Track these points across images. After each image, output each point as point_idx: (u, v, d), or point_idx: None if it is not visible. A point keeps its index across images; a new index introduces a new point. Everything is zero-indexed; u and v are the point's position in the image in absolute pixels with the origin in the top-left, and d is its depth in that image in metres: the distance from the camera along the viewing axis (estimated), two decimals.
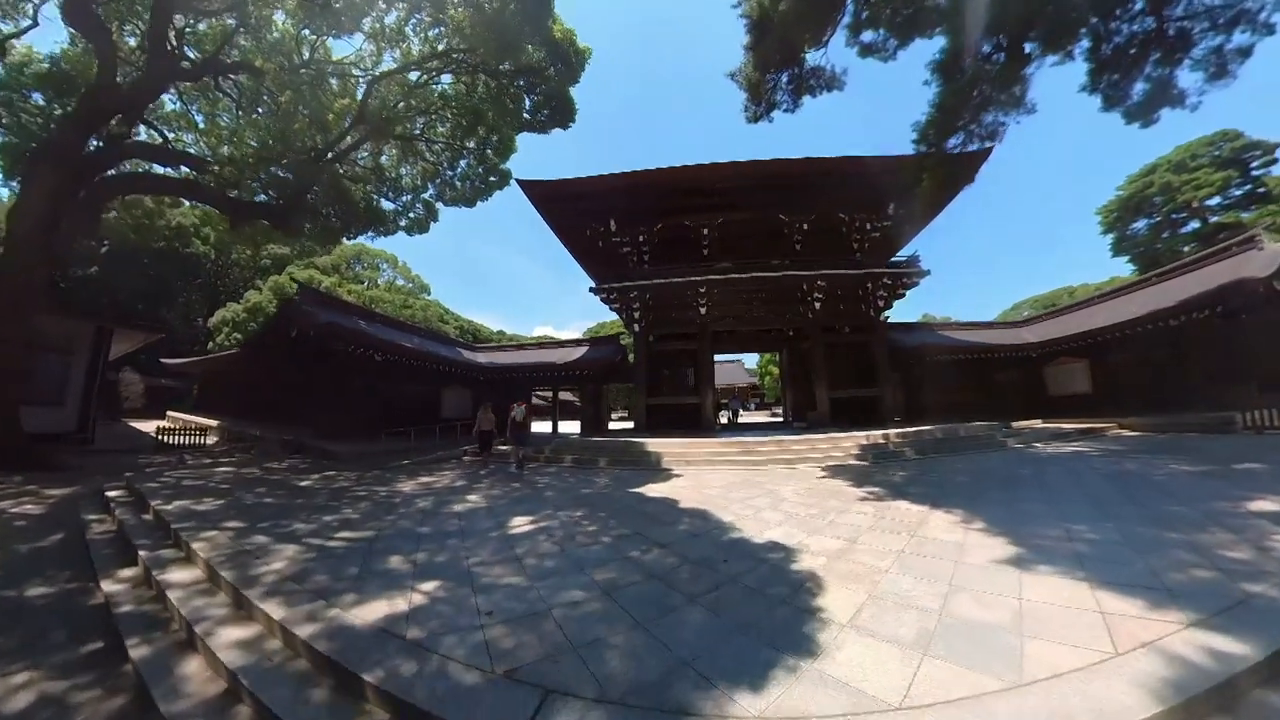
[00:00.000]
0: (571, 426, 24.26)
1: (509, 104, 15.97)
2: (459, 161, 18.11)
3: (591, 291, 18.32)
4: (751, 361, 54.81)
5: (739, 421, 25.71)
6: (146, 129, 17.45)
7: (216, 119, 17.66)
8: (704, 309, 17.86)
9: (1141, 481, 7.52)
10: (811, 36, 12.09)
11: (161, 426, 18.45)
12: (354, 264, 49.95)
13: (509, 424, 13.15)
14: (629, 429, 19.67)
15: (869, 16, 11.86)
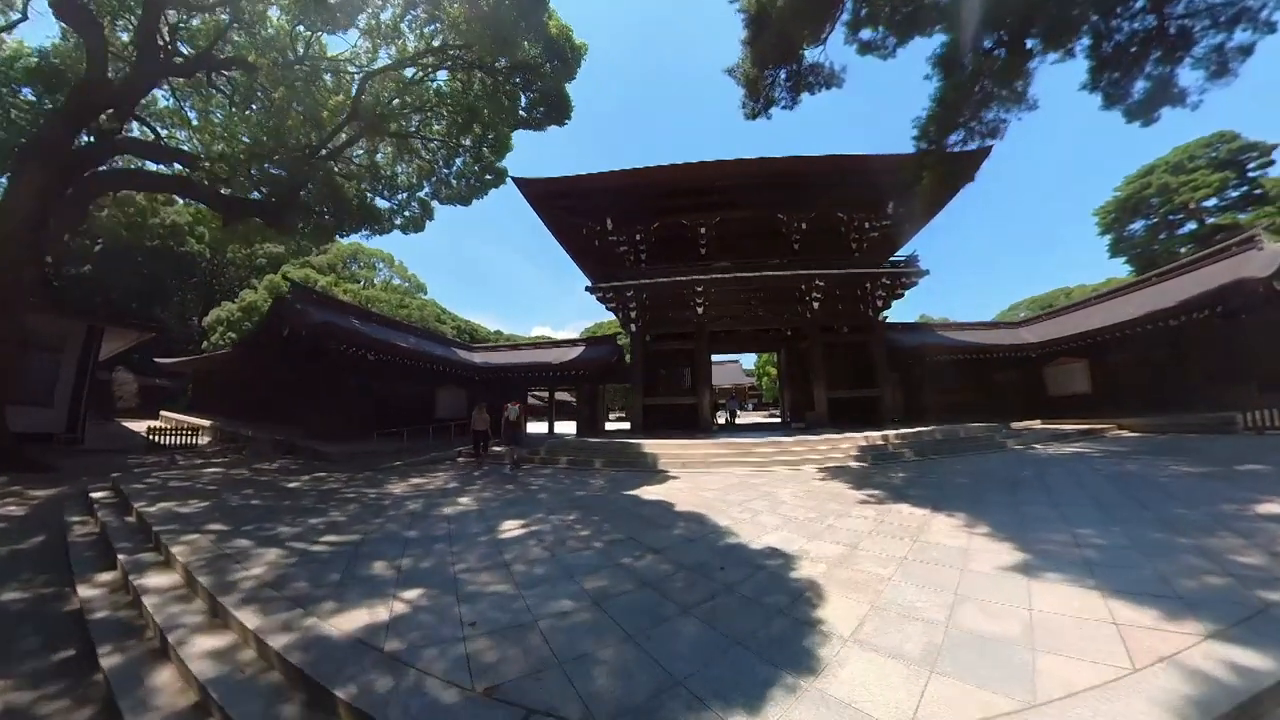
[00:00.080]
0: (568, 427, 24.10)
1: (505, 101, 15.80)
2: (455, 159, 17.93)
3: (588, 291, 18.15)
4: (749, 362, 54.73)
5: (737, 422, 25.58)
6: (140, 126, 17.25)
7: (210, 116, 17.45)
8: (701, 309, 17.71)
9: (1145, 483, 7.39)
10: (810, 33, 11.95)
11: (152, 426, 18.25)
12: (350, 263, 49.71)
13: (503, 424, 12.99)
14: (625, 430, 19.51)
15: (868, 14, 11.72)
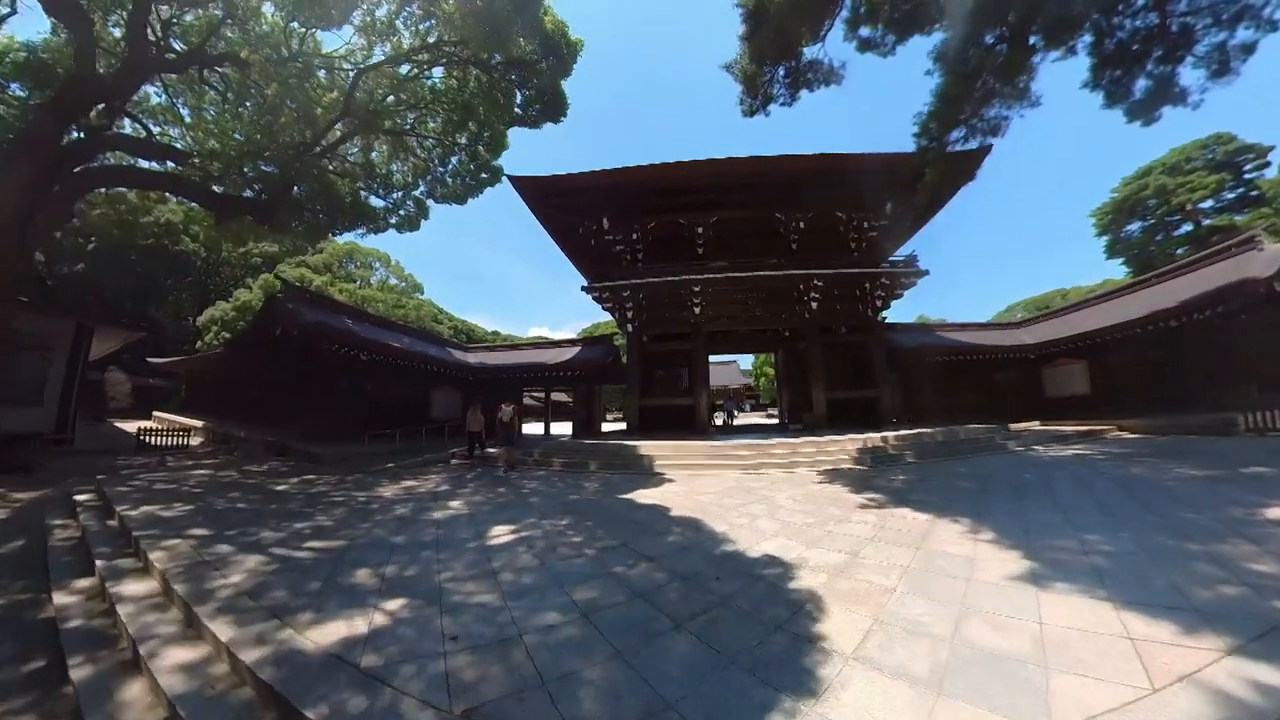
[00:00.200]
0: (565, 428, 23.92)
1: (500, 98, 15.63)
2: (450, 158, 17.76)
3: (584, 290, 17.96)
4: (747, 362, 54.56)
5: (734, 423, 25.43)
6: (131, 122, 17.04)
7: (203, 113, 17.24)
8: (698, 308, 17.54)
9: (1150, 487, 7.25)
10: (809, 30, 11.79)
11: (143, 427, 18.02)
12: (346, 263, 49.39)
13: (497, 425, 12.81)
14: (622, 431, 19.33)
15: (867, 11, 11.57)
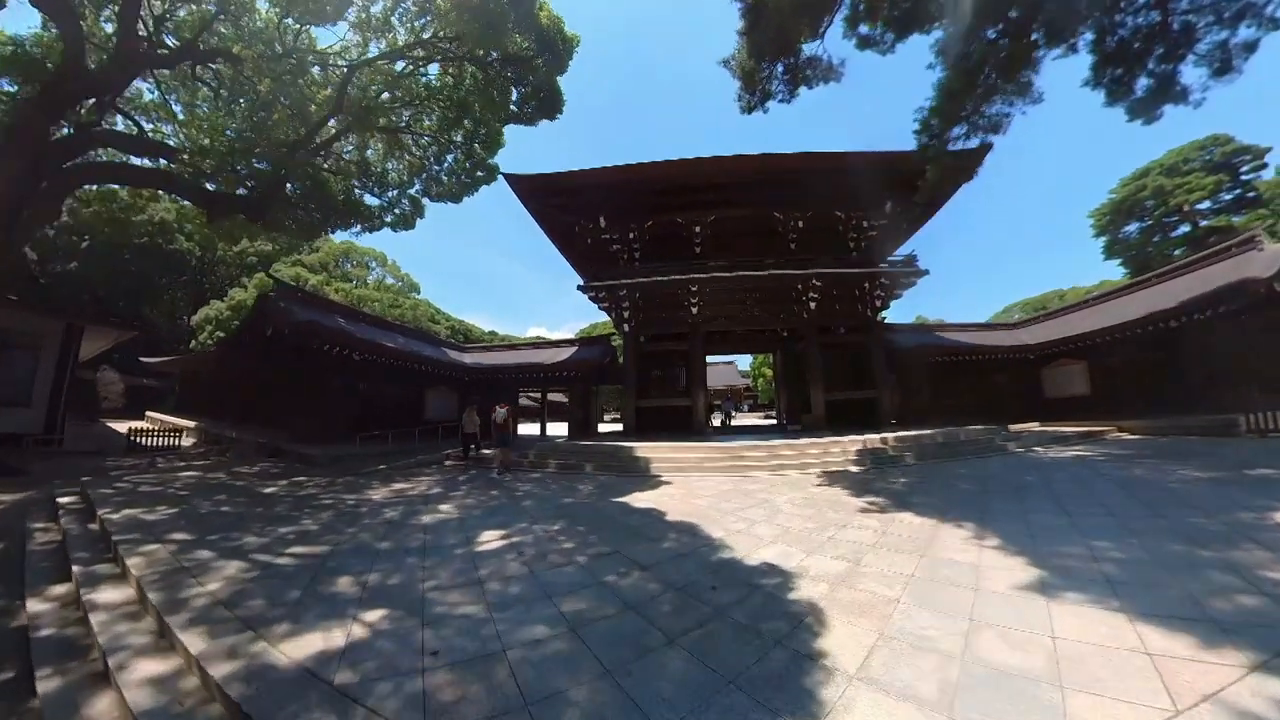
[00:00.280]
0: (562, 429, 23.72)
1: (495, 95, 15.46)
2: (446, 156, 17.60)
3: (580, 290, 17.78)
4: (745, 363, 54.43)
5: (732, 424, 25.27)
6: (124, 119, 16.82)
7: (196, 110, 17.03)
8: (696, 308, 17.37)
9: (1155, 489, 7.11)
10: (808, 27, 11.67)
11: (134, 428, 17.78)
12: (343, 262, 49.12)
13: (492, 426, 12.63)
14: (618, 432, 19.15)
15: (866, 9, 11.46)
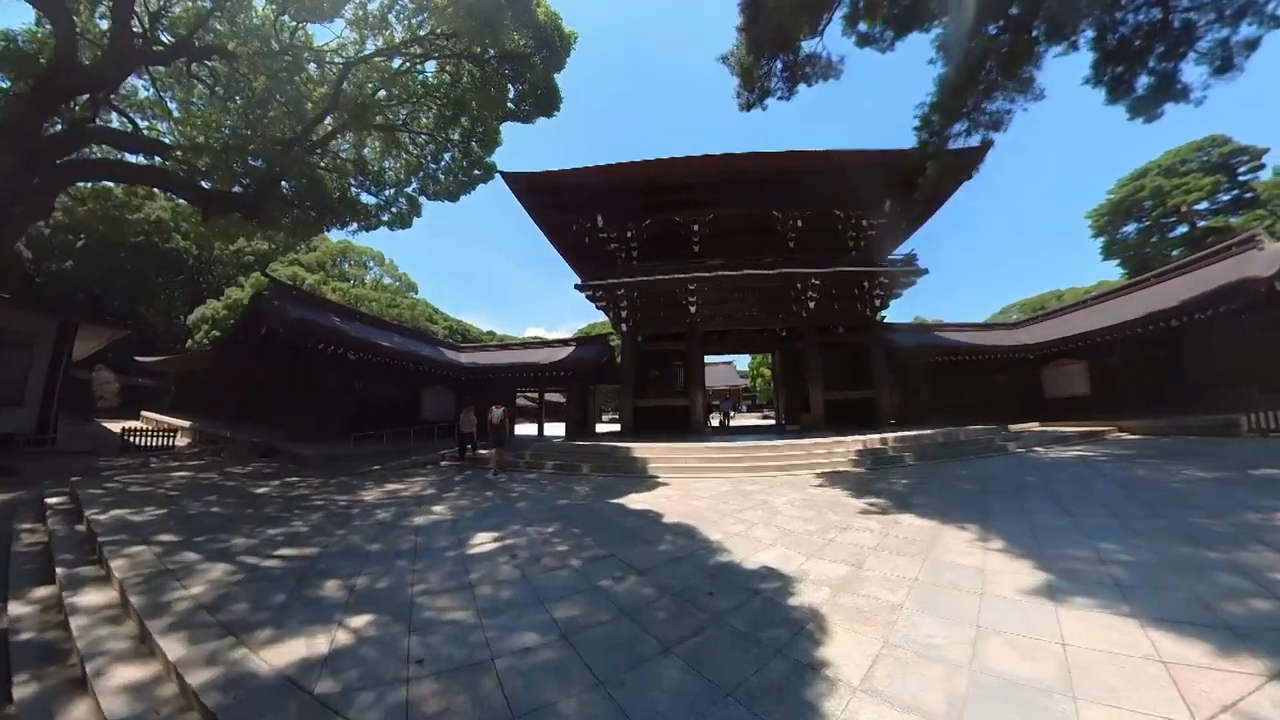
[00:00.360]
0: (560, 429, 23.59)
1: (492, 92, 15.35)
2: (443, 154, 17.50)
3: (577, 289, 17.67)
4: (743, 363, 54.36)
5: (731, 425, 25.17)
6: (119, 116, 16.68)
7: (192, 107, 16.90)
8: (694, 308, 17.26)
9: (1159, 490, 7.01)
10: (807, 24, 11.58)
11: (127, 427, 17.63)
12: (340, 261, 48.92)
13: (488, 427, 12.52)
14: (616, 432, 19.03)
15: (865, 6, 11.37)
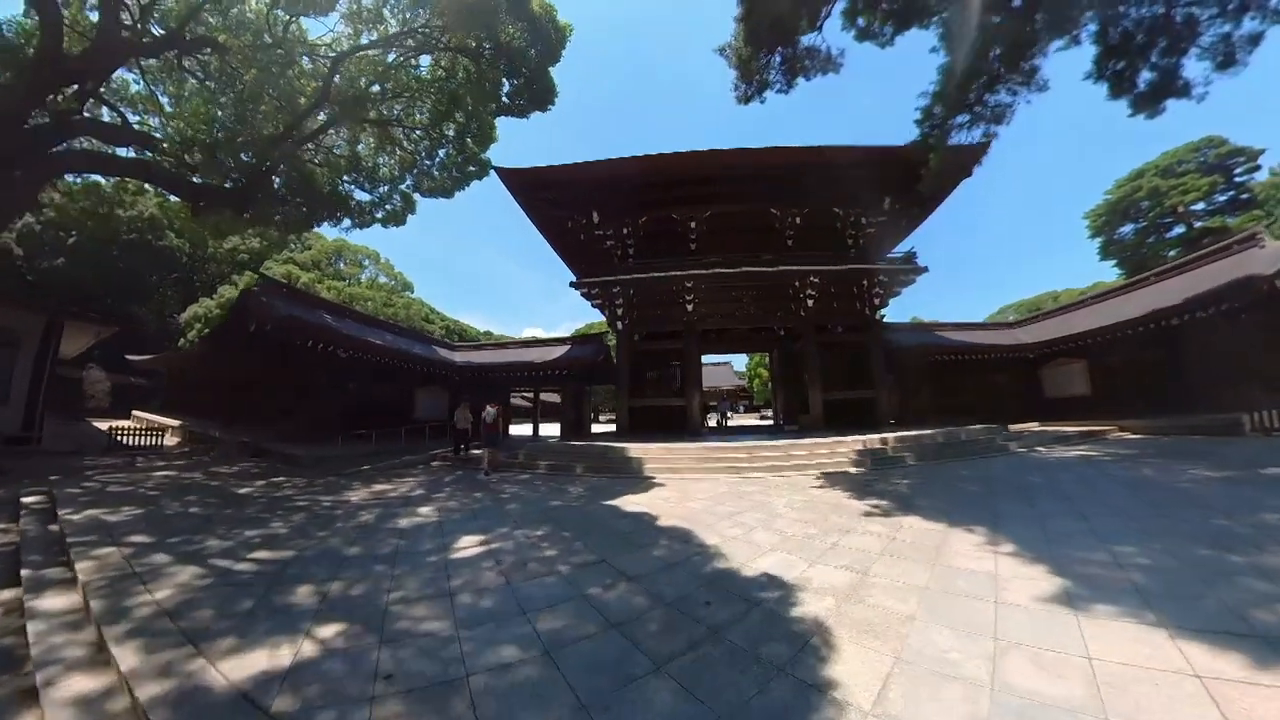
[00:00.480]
0: (555, 429, 23.34)
1: (487, 86, 15.15)
2: (438, 150, 17.28)
3: (572, 286, 17.43)
4: (740, 364, 54.20)
5: (728, 425, 24.97)
6: (109, 111, 16.39)
7: (184, 101, 16.64)
8: (691, 306, 17.03)
9: (1168, 490, 6.82)
10: (806, 17, 11.39)
11: (114, 426, 17.33)
12: (335, 260, 48.57)
13: (481, 426, 12.27)
14: (612, 432, 18.78)
15: (864, 1, 11.19)
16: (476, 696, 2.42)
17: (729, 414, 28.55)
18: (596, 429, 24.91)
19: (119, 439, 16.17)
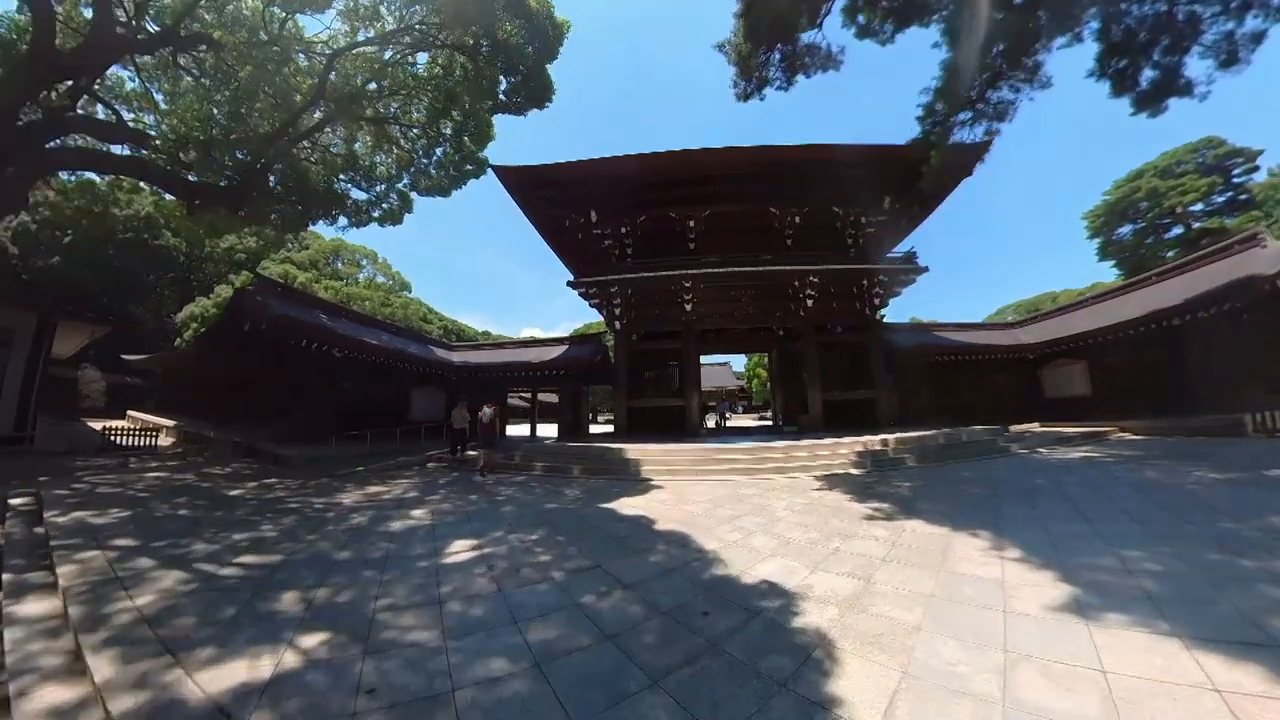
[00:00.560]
0: (553, 429, 23.21)
1: (484, 84, 15.03)
2: (435, 149, 17.15)
3: (570, 286, 17.31)
4: (739, 364, 54.10)
5: (727, 426, 24.84)
6: (104, 108, 16.25)
7: (179, 99, 16.50)
8: (690, 306, 16.91)
9: (1174, 492, 6.72)
10: (806, 13, 11.29)
11: (109, 426, 17.18)
12: (333, 260, 48.38)
13: (477, 426, 12.16)
14: (609, 433, 18.66)
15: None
16: (462, 713, 2.30)
17: (728, 414, 28.44)
18: (595, 429, 24.78)
19: (113, 439, 16.02)
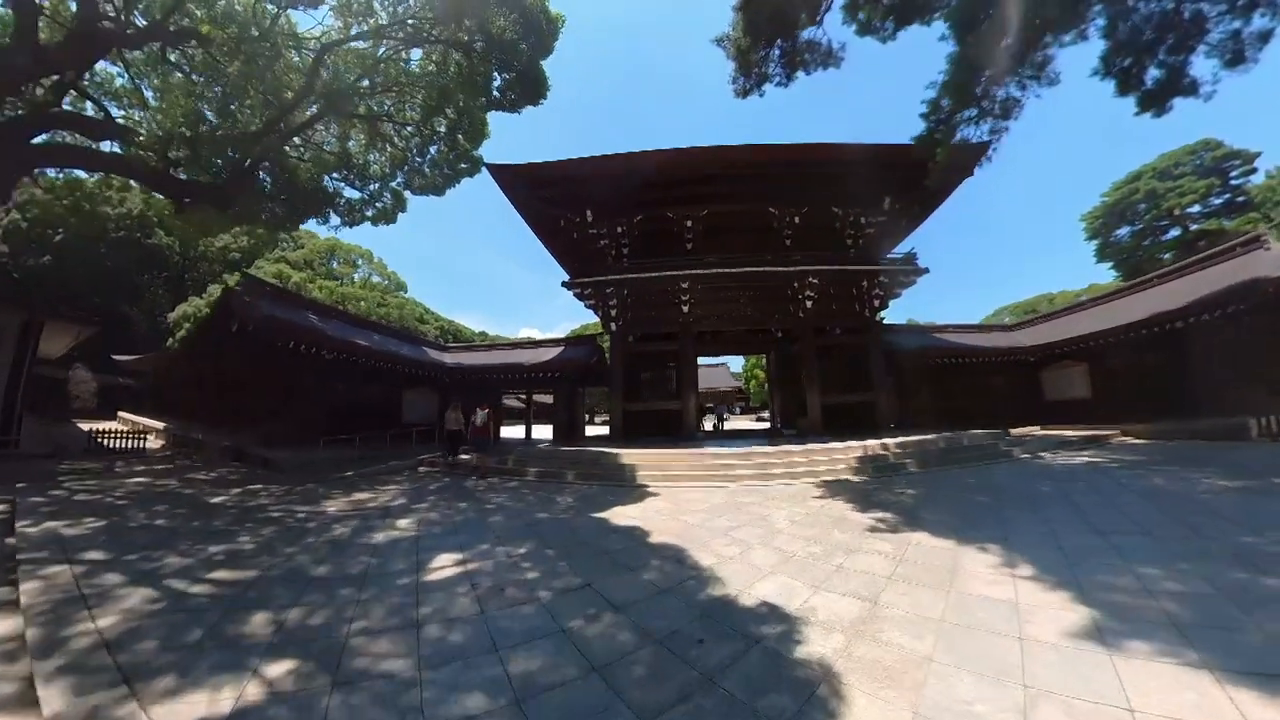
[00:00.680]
0: (548, 431, 22.96)
1: (478, 80, 14.82)
2: (429, 147, 16.92)
3: (565, 286, 17.07)
4: (737, 365, 53.94)
5: (724, 429, 24.65)
6: (92, 105, 15.98)
7: (168, 95, 16.24)
8: (687, 307, 16.68)
9: (1185, 501, 6.51)
10: (806, 10, 11.11)
11: (95, 429, 16.87)
12: (328, 259, 48.02)
13: (470, 429, 11.92)
14: (605, 437, 18.42)
15: None
16: None
17: (725, 417, 28.28)
18: (591, 431, 24.54)
19: (99, 441, 15.72)
